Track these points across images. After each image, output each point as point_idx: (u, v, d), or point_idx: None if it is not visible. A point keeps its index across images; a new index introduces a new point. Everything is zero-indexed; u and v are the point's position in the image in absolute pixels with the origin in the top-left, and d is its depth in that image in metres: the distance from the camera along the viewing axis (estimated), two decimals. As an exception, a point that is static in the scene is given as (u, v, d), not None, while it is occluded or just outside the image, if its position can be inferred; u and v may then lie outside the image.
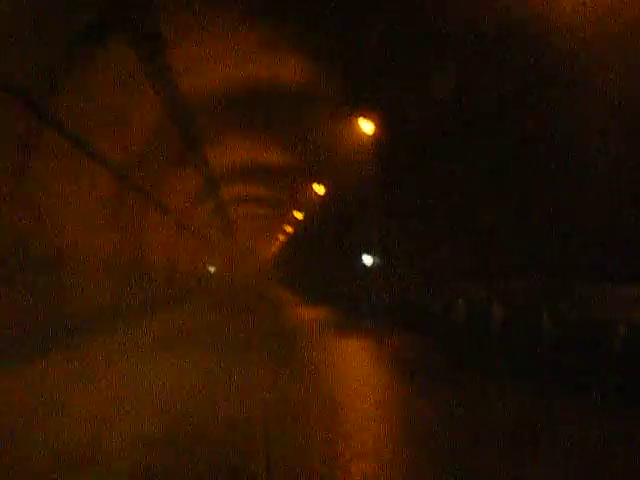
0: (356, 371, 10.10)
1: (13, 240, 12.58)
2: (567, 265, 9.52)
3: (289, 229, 55.19)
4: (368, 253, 24.66)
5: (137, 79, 16.57)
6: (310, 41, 17.09)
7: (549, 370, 8.94)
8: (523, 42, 9.60)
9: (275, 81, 20.47)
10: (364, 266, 25.17)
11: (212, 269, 56.90)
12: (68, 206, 15.86)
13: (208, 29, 16.08)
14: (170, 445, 5.32)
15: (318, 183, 32.32)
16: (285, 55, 18.22)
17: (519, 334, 11.00)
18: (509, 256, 11.42)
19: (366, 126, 20.03)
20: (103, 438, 5.58)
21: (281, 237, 64.30)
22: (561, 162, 9.23)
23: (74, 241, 16.33)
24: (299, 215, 44.62)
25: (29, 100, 12.14)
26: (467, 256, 13.52)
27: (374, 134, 20.06)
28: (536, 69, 9.47)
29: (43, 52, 11.65)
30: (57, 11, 11.03)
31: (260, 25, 16.44)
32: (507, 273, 11.53)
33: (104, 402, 7.15)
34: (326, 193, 32.71)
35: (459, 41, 11.66)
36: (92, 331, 14.88)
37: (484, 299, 12.17)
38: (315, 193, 34.15)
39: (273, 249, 77.88)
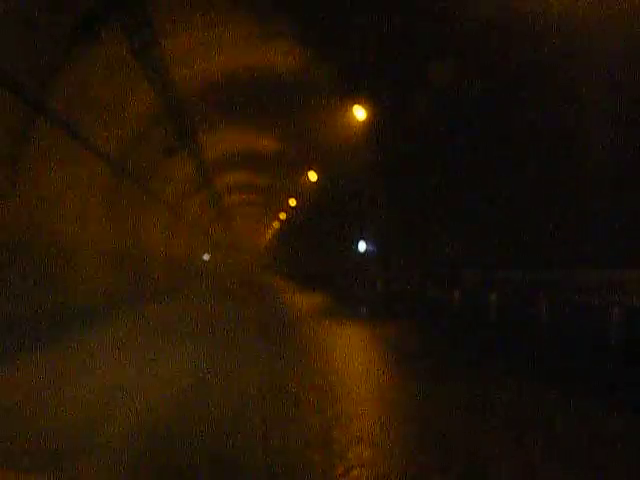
0: (348, 356, 10.15)
1: (8, 231, 12.57)
2: (564, 252, 9.59)
3: (283, 216, 55.15)
4: (363, 240, 24.72)
5: (130, 69, 16.47)
6: (303, 28, 17.02)
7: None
8: (524, 31, 9.60)
9: (269, 69, 20.39)
10: (359, 253, 25.24)
11: (206, 257, 56.85)
12: (63, 196, 15.83)
13: (201, 18, 15.99)
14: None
15: (312, 170, 32.27)
16: (279, 43, 18.15)
17: (514, 320, 11.10)
18: (506, 244, 11.48)
19: (360, 113, 20.01)
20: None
21: (276, 224, 64.25)
22: (559, 152, 9.27)
23: (69, 231, 16.31)
24: (293, 202, 44.56)
25: (23, 92, 12.07)
26: (464, 244, 13.57)
27: (368, 121, 20.04)
28: (536, 59, 9.49)
29: (37, 43, 11.57)
30: (50, 2, 10.95)
31: (253, 13, 16.36)
32: (504, 261, 11.60)
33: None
34: (320, 180, 32.67)
35: (456, 28, 11.64)
36: (90, 322, 14.89)
37: (479, 288, 12.25)
38: (309, 180, 34.12)
39: (268, 236, 77.86)
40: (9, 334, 10.87)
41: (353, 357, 10.38)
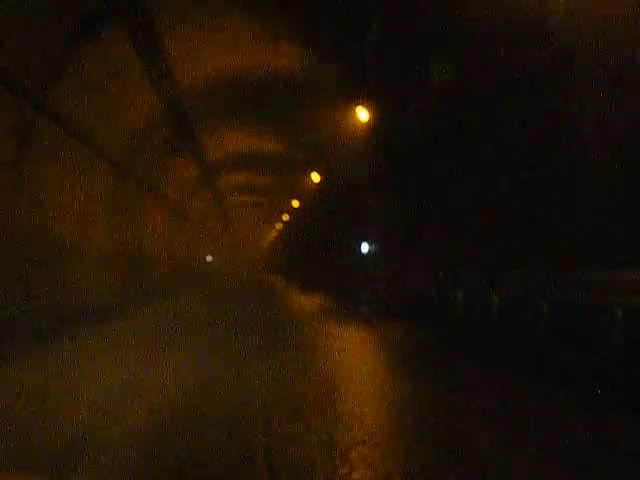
0: (349, 356, 10.12)
1: (11, 232, 12.60)
2: (564, 252, 9.57)
3: (286, 218, 55.18)
4: (366, 241, 24.72)
5: (133, 69, 16.52)
6: (307, 29, 17.04)
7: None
8: (525, 31, 9.60)
9: (271, 69, 20.41)
10: (362, 254, 25.23)
11: (209, 258, 56.96)
12: (66, 197, 15.86)
13: (204, 18, 16.02)
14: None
15: (315, 171, 32.30)
16: (282, 43, 18.17)
17: (515, 320, 11.08)
18: (506, 244, 11.46)
19: (363, 114, 20.02)
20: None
21: (279, 226, 64.29)
22: (559, 152, 9.26)
23: (73, 231, 16.34)
24: (296, 203, 44.59)
25: (26, 92, 12.11)
26: (465, 244, 13.56)
27: (372, 122, 20.05)
28: (536, 59, 9.49)
29: (39, 43, 11.61)
30: (53, 2, 10.99)
31: (256, 13, 16.38)
32: (504, 261, 11.58)
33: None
34: (323, 181, 32.70)
35: (457, 28, 11.64)
36: (90, 322, 14.91)
37: (482, 288, 12.22)
38: (312, 181, 34.15)
39: (271, 237, 77.89)
40: (8, 334, 10.90)
41: (354, 356, 10.36)
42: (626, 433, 5.67)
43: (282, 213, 55.05)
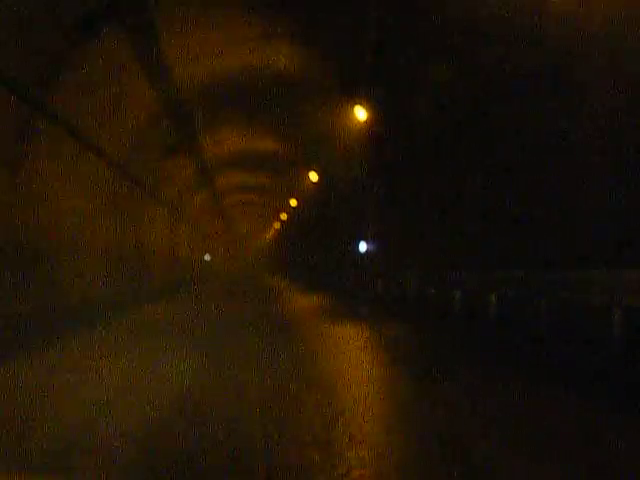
0: (347, 355, 10.12)
1: (10, 231, 12.58)
2: (563, 252, 9.59)
3: (284, 217, 55.17)
4: (363, 241, 24.73)
5: (132, 69, 16.51)
6: (306, 28, 17.04)
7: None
8: (524, 32, 9.61)
9: (270, 69, 20.41)
10: (360, 253, 25.24)
11: (208, 257, 56.97)
12: (64, 197, 15.83)
13: (203, 19, 16.02)
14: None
15: (314, 170, 32.29)
16: (280, 44, 18.17)
17: (515, 320, 11.10)
18: (507, 245, 11.47)
19: (361, 114, 20.03)
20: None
21: (276, 225, 64.27)
22: (559, 152, 9.27)
23: (71, 231, 16.32)
24: (294, 202, 44.57)
25: (24, 91, 12.09)
26: (464, 244, 13.57)
27: (369, 122, 20.06)
28: (535, 59, 9.50)
29: (39, 43, 11.59)
30: (52, 2, 10.97)
31: (255, 13, 16.38)
32: (504, 261, 11.59)
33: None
34: (321, 180, 32.70)
35: (456, 28, 11.66)
36: (88, 322, 14.88)
37: (479, 289, 12.23)
38: (310, 181, 34.15)
39: (268, 237, 77.87)
40: (6, 334, 10.89)
41: (352, 355, 10.36)
42: (626, 433, 5.68)
43: (280, 212, 55.03)
